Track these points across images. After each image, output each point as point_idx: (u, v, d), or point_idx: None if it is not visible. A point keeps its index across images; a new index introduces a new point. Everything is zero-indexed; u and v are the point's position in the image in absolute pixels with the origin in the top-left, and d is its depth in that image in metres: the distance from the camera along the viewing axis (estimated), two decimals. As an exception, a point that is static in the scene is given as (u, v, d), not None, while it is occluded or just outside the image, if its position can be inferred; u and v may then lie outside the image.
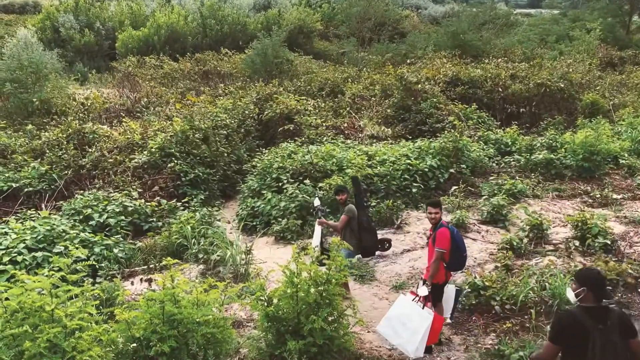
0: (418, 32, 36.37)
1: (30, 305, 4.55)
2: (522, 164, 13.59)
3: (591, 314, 4.07)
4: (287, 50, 27.31)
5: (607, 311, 4.11)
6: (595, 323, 4.03)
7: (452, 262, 6.47)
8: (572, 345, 4.09)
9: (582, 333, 4.02)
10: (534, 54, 26.15)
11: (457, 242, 6.39)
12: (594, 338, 3.99)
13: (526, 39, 30.93)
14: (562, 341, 4.13)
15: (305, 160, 12.32)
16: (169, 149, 13.06)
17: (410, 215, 11.01)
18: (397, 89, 17.85)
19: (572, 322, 4.11)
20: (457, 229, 6.91)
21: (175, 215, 10.80)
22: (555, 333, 4.18)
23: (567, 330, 4.12)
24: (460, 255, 6.46)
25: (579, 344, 4.03)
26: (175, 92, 21.50)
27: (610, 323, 4.04)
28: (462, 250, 6.47)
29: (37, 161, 12.82)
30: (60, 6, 42.98)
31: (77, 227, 9.53)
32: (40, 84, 18.30)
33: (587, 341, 4.00)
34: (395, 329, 6.05)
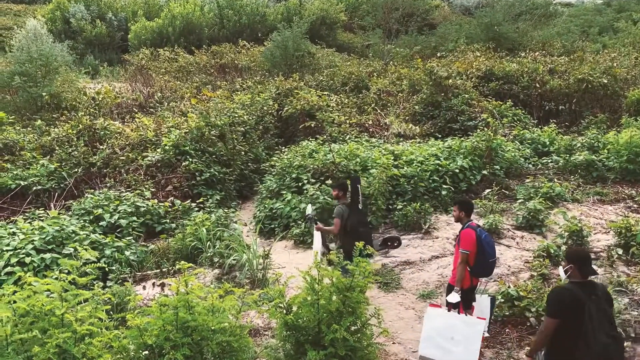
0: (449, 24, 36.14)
1: (39, 309, 4.63)
2: (561, 165, 13.44)
3: (582, 287, 4.89)
4: (308, 42, 27.36)
5: (595, 284, 5.03)
6: (587, 295, 4.82)
7: (476, 267, 6.47)
8: (570, 316, 4.78)
9: (578, 304, 4.78)
10: (575, 47, 25.81)
11: (483, 245, 6.37)
12: (588, 308, 4.76)
13: (566, 31, 30.57)
14: (562, 314, 4.82)
15: (327, 160, 12.34)
16: (183, 146, 13.18)
17: (439, 220, 10.96)
18: (426, 84, 17.77)
19: (569, 296, 4.85)
20: (488, 233, 6.79)
21: (189, 217, 10.90)
22: (555, 308, 4.87)
23: (565, 304, 4.83)
24: (484, 261, 6.42)
25: (576, 315, 4.76)
26: (190, 87, 21.68)
27: (598, 294, 4.89)
28: (489, 255, 6.42)
29: (47, 158, 13.03)
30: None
31: (87, 227, 9.68)
32: (50, 78, 18.58)
33: (583, 311, 4.75)
34: (443, 346, 5.99)
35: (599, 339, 4.74)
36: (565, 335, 4.85)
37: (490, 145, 12.84)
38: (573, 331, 4.79)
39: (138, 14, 39.37)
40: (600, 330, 4.77)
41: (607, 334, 4.78)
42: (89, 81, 24.68)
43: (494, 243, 6.69)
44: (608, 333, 4.80)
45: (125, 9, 41.71)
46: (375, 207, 10.86)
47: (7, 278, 7.73)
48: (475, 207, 11.13)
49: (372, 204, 10.90)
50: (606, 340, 4.75)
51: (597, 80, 17.89)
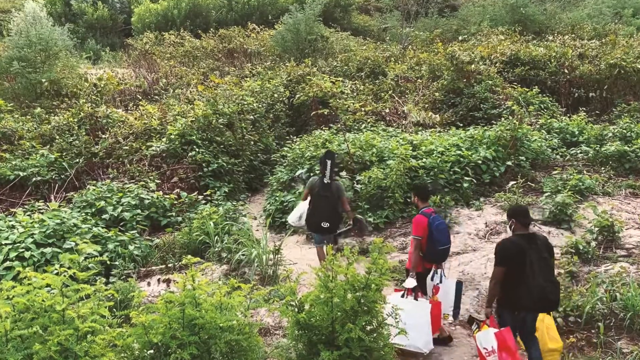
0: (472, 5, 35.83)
1: (39, 305, 4.68)
2: (591, 156, 13.31)
3: (523, 238, 5.98)
4: (322, 25, 27.28)
5: (535, 236, 6.18)
6: (528, 244, 5.91)
7: (428, 253, 7.07)
8: (514, 264, 5.86)
9: (521, 253, 5.86)
10: (607, 30, 25.52)
11: (433, 232, 6.93)
12: (530, 255, 5.84)
13: (597, 13, 30.20)
14: (506, 262, 5.92)
15: (342, 150, 12.33)
16: (189, 135, 13.24)
17: (460, 214, 10.93)
18: (447, 69, 17.67)
19: (512, 246, 5.97)
20: (441, 218, 7.34)
21: (196, 210, 10.96)
22: (501, 257, 6.00)
23: (509, 252, 5.94)
24: (434, 248, 6.99)
25: (519, 262, 5.84)
26: (197, 73, 21.73)
27: (539, 244, 5.98)
28: (439, 242, 6.98)
29: (46, 148, 13.15)
30: (71, -23, 43.77)
31: (89, 221, 9.76)
32: (50, 63, 18.70)
33: (524, 259, 5.83)
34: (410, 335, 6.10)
35: (538, 282, 5.78)
36: (511, 281, 5.89)
37: (515, 134, 12.74)
38: (517, 277, 5.84)
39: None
40: (540, 275, 5.80)
41: (546, 279, 5.83)
42: (91, 67, 24.78)
43: (447, 230, 7.32)
44: (546, 278, 5.85)
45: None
46: (392, 200, 10.85)
47: (6, 273, 7.82)
48: (499, 201, 11.12)
49: (389, 197, 10.88)
50: (544, 284, 5.80)
51: (631, 65, 17.67)
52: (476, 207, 11.16)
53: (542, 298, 5.81)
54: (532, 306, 5.90)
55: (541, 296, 5.79)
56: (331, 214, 8.71)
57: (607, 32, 24.90)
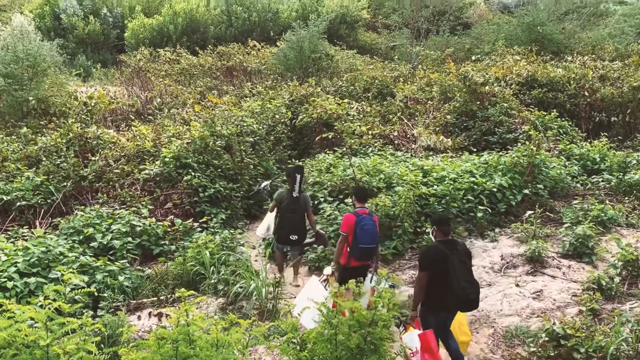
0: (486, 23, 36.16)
1: (22, 340, 4.65)
2: (614, 185, 13.30)
3: (445, 244, 6.93)
4: (326, 43, 27.48)
5: (455, 242, 7.18)
6: (450, 250, 6.81)
7: (352, 250, 8.19)
8: (437, 268, 6.72)
9: (443, 258, 6.73)
10: (629, 51, 25.68)
11: (356, 231, 8.05)
12: (452, 259, 6.71)
13: (619, 32, 30.42)
14: (430, 267, 6.80)
15: (347, 176, 12.35)
16: (185, 158, 13.25)
17: (474, 245, 10.89)
18: (459, 91, 17.76)
19: (436, 252, 6.92)
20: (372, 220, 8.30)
21: (191, 238, 10.91)
22: (426, 263, 6.90)
23: (433, 258, 6.88)
24: (356, 245, 8.10)
25: (442, 267, 6.69)
26: (193, 92, 21.85)
27: (459, 249, 6.93)
28: (360, 241, 8.07)
29: (32, 170, 13.15)
30: (62, -11, 44.26)
31: (77, 249, 9.72)
32: (38, 80, 18.80)
33: (447, 263, 6.68)
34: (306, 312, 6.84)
35: (460, 284, 6.63)
36: (435, 284, 6.74)
37: (532, 161, 12.76)
38: (441, 280, 6.69)
39: (136, 10, 39.82)
40: (461, 277, 6.67)
41: (466, 280, 6.73)
42: (81, 84, 24.90)
43: (373, 232, 8.23)
44: (467, 279, 6.75)
45: (122, 4, 42.23)
46: (402, 230, 10.83)
47: (-14, 304, 7.77)
48: (516, 232, 11.10)
49: (398, 227, 10.86)
50: (465, 285, 6.67)
51: (656, 88, 17.77)
52: (491, 239, 11.14)
53: (465, 298, 6.70)
54: (456, 306, 6.89)
55: (464, 296, 6.68)
56: (300, 226, 9.74)
57: (629, 52, 25.05)
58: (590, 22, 32.50)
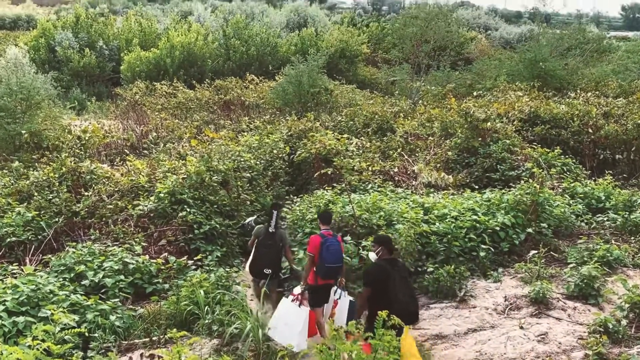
0: (487, 59, 36.63)
1: (9, 383, 4.61)
2: (619, 224, 13.29)
3: (388, 263, 7.83)
4: (325, 77, 27.73)
5: (397, 260, 8.25)
6: (392, 267, 7.73)
7: (318, 269, 8.98)
8: (380, 284, 7.61)
9: (385, 274, 7.63)
10: (633, 87, 25.91)
11: (322, 251, 8.83)
12: (393, 276, 7.61)
13: (623, 69, 30.73)
14: (373, 284, 7.69)
15: (346, 213, 12.33)
16: (180, 194, 13.23)
17: (476, 285, 10.85)
18: (460, 127, 17.85)
19: (378, 269, 7.82)
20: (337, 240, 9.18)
21: (185, 276, 10.83)
22: (368, 279, 7.86)
23: (376, 275, 7.76)
24: (322, 264, 8.88)
25: (384, 282, 7.57)
26: (190, 126, 21.93)
27: (400, 267, 7.97)
28: (326, 260, 8.84)
29: (23, 205, 13.09)
30: (57, 22, 44.82)
31: (67, 287, 9.64)
32: (31, 113, 18.87)
33: (389, 279, 7.57)
34: (281, 330, 8.60)
35: (400, 298, 7.46)
36: (378, 298, 7.51)
37: (536, 199, 12.77)
38: (383, 295, 7.52)
39: (133, 43, 40.22)
40: (401, 292, 7.53)
41: (405, 295, 7.58)
42: (75, 118, 25.09)
43: (338, 252, 9.07)
44: (406, 294, 7.61)
45: (119, 37, 42.64)
46: (402, 269, 10.78)
47: (-28, 344, 7.70)
48: (520, 272, 11.06)
49: (398, 266, 10.82)
50: (404, 299, 7.52)
51: (661, 126, 17.87)
52: (494, 279, 11.09)
53: (404, 312, 7.19)
54: None
55: (403, 310, 7.22)
56: (274, 261, 10.08)
57: (633, 89, 25.27)
58: (593, 58, 32.87)
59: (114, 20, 48.74)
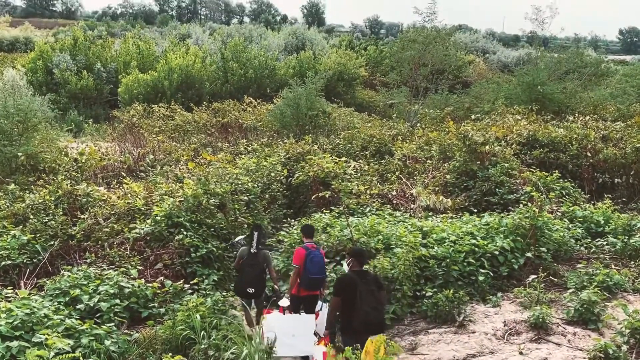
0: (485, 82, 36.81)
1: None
2: (619, 249, 13.26)
3: (357, 274, 8.41)
4: (323, 100, 27.83)
5: (366, 272, 8.74)
6: (360, 279, 8.29)
7: (302, 280, 9.63)
8: (348, 294, 8.17)
9: (353, 285, 8.18)
10: (632, 111, 26.01)
11: (306, 263, 9.48)
12: (360, 288, 8.14)
13: (621, 93, 30.86)
14: (342, 293, 8.28)
15: (344, 236, 12.32)
16: (177, 217, 13.21)
17: (475, 310, 10.80)
18: (459, 150, 17.89)
19: (348, 280, 8.40)
20: (320, 253, 9.88)
21: (181, 300, 10.78)
22: (338, 289, 8.41)
23: (344, 286, 8.33)
24: (307, 276, 9.54)
25: (352, 293, 8.12)
26: (187, 149, 22.00)
27: (368, 279, 8.44)
28: (309, 272, 9.50)
29: (19, 228, 13.08)
30: (55, 44, 45.05)
31: (62, 311, 9.59)
32: (28, 136, 18.91)
33: (356, 290, 8.10)
34: (289, 344, 8.67)
35: (364, 309, 8.01)
36: (346, 308, 8.20)
37: (535, 223, 12.75)
38: (350, 305, 8.11)
39: (131, 65, 40.42)
40: (365, 303, 8.05)
41: (370, 306, 8.06)
42: (72, 140, 25.07)
43: (321, 263, 9.71)
44: (371, 305, 8.09)
45: (117, 60, 42.86)
46: (400, 293, 10.74)
47: (-35, 370, 7.64)
48: (519, 296, 11.02)
49: (397, 290, 10.79)
50: (368, 310, 8.02)
51: (660, 149, 17.91)
52: (493, 304, 11.04)
53: (367, 321, 7.97)
54: (360, 328, 8.02)
55: (366, 320, 7.97)
56: (256, 280, 10.31)
57: (632, 113, 25.35)
58: (591, 82, 33.04)
59: (112, 43, 49.10)
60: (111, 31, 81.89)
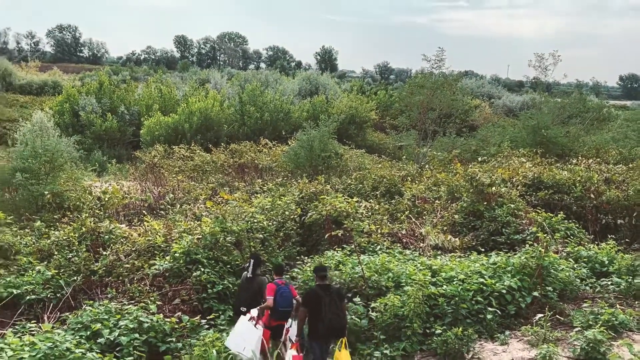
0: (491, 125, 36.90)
1: None
2: (623, 288, 13.08)
3: (321, 288, 9.54)
4: (336, 142, 27.94)
5: (329, 287, 9.72)
6: (324, 292, 9.40)
7: (272, 311, 10.36)
8: (313, 306, 9.33)
9: (318, 298, 9.32)
10: (633, 155, 25.93)
11: (277, 297, 10.26)
12: (324, 300, 9.27)
13: (623, 136, 30.87)
14: (309, 305, 9.42)
15: (356, 274, 12.25)
16: (195, 254, 13.21)
17: (484, 348, 10.65)
18: (466, 191, 17.86)
19: (313, 293, 9.55)
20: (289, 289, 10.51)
21: (198, 335, 10.74)
22: (305, 301, 9.60)
23: (310, 298, 9.48)
24: (276, 307, 10.29)
25: (317, 305, 9.29)
26: (205, 188, 22.05)
27: (331, 291, 9.52)
28: (280, 305, 10.27)
29: (44, 264, 13.13)
30: (82, 88, 45.68)
31: (83, 345, 9.57)
32: (54, 175, 19.11)
33: (320, 302, 9.28)
34: (237, 343, 9.89)
35: (328, 317, 9.18)
36: (313, 317, 9.35)
37: (541, 263, 12.63)
38: (316, 315, 9.26)
39: (153, 108, 40.87)
40: (329, 312, 9.21)
41: (333, 314, 9.23)
42: (96, 179, 25.30)
43: (290, 298, 10.38)
44: (334, 313, 9.24)
45: (139, 103, 43.38)
46: (410, 330, 10.62)
47: (-11, 402, 7.60)
48: (526, 335, 10.87)
49: (407, 327, 10.67)
50: (331, 317, 9.19)
51: (661, 191, 17.78)
52: (501, 342, 10.88)
53: (331, 327, 9.21)
54: (326, 333, 9.29)
55: (329, 326, 9.19)
56: (250, 301, 10.83)
57: (633, 156, 25.27)
58: (593, 126, 33.07)
59: (136, 87, 49.75)
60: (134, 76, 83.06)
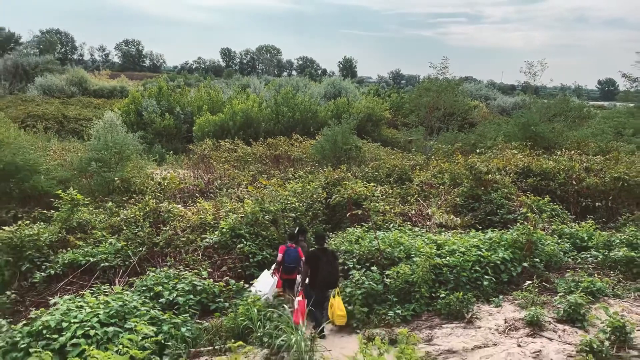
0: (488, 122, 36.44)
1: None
2: (600, 260, 12.92)
3: (320, 250, 10.16)
4: (355, 137, 27.83)
5: (326, 249, 10.37)
6: (321, 254, 10.06)
7: (283, 267, 11.13)
8: (313, 264, 9.95)
9: (317, 258, 9.99)
10: (609, 147, 25.45)
11: (285, 255, 11.14)
12: (322, 260, 9.94)
13: (600, 132, 30.33)
14: (310, 263, 10.00)
15: (373, 247, 12.24)
16: (239, 230, 13.32)
17: (481, 309, 10.59)
18: (466, 178, 17.71)
19: (314, 254, 10.11)
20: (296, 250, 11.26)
21: (241, 297, 10.84)
22: (307, 260, 10.11)
23: (311, 258, 10.05)
24: (284, 264, 11.13)
25: (317, 263, 9.93)
26: (247, 175, 22.14)
27: (327, 253, 10.15)
28: (286, 261, 11.13)
29: (115, 237, 13.33)
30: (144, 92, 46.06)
31: (148, 304, 9.72)
32: (122, 164, 19.32)
33: (319, 261, 9.93)
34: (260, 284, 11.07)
35: (323, 273, 9.86)
36: (313, 272, 9.93)
37: (530, 238, 12.51)
38: (315, 270, 9.90)
39: (203, 109, 41.06)
40: (325, 269, 9.87)
41: (327, 271, 9.89)
42: (157, 167, 25.51)
43: (296, 256, 11.16)
44: (328, 270, 9.91)
45: (192, 104, 43.64)
46: (419, 294, 10.61)
47: (72, 349, 7.76)
48: (517, 299, 10.79)
49: (416, 291, 10.66)
50: (326, 274, 9.87)
51: (634, 179, 17.47)
52: (496, 304, 10.82)
53: (326, 280, 9.91)
54: (322, 284, 9.92)
55: (325, 279, 9.89)
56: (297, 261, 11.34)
57: (610, 148, 24.84)
58: (575, 123, 32.48)
59: (189, 91, 49.95)
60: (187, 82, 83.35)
